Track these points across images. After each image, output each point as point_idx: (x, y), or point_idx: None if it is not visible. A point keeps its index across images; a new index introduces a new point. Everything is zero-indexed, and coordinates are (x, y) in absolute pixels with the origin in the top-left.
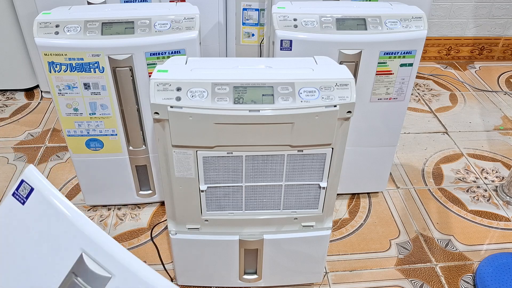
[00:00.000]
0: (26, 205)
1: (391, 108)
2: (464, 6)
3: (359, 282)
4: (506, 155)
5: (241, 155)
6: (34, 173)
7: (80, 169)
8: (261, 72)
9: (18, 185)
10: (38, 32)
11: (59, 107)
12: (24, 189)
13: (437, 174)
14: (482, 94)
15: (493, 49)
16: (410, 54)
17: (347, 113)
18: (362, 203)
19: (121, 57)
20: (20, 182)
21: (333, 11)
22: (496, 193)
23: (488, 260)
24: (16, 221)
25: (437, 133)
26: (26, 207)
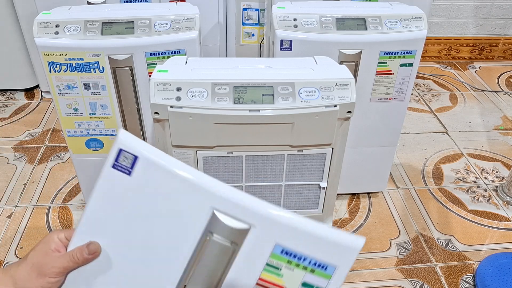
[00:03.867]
0: (133, 175)
1: (391, 108)
2: (464, 6)
3: (359, 282)
4: (506, 155)
5: (241, 155)
6: (130, 138)
7: (80, 169)
8: (261, 72)
9: (116, 155)
10: (38, 32)
11: (59, 107)
12: (125, 159)
13: (437, 174)
14: (482, 94)
15: (493, 49)
16: (410, 54)
17: (347, 113)
18: (362, 203)
19: (121, 57)
20: (118, 151)
21: (333, 11)
22: (496, 193)
23: (488, 260)
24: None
25: (437, 133)
26: (135, 178)
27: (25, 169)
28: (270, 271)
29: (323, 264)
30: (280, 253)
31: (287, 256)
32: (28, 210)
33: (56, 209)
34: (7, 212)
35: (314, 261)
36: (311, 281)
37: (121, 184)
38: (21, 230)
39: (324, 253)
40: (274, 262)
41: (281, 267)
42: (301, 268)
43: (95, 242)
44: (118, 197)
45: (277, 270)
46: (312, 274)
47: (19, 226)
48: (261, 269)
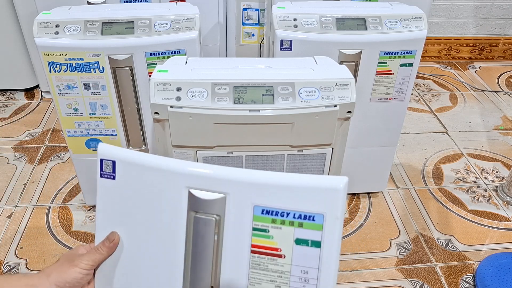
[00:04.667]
0: (117, 179)
1: (391, 108)
2: (464, 6)
3: (359, 282)
4: (506, 155)
5: (241, 155)
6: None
7: (80, 169)
8: (261, 72)
9: (100, 165)
10: (38, 32)
11: (59, 107)
12: (107, 166)
13: (437, 174)
14: (482, 94)
15: (493, 49)
16: (410, 54)
17: (347, 113)
18: (362, 203)
19: (121, 57)
20: (100, 161)
21: (333, 11)
22: (496, 193)
23: (488, 260)
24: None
25: (437, 133)
26: (119, 180)
27: (25, 169)
28: (259, 235)
29: (308, 214)
30: (261, 213)
31: (269, 215)
32: (28, 210)
33: (56, 209)
34: (7, 212)
35: (298, 213)
36: (303, 236)
37: (112, 189)
38: (21, 230)
39: (305, 202)
40: (259, 224)
41: (268, 228)
42: (287, 224)
43: (113, 231)
44: (114, 199)
45: (265, 232)
46: (302, 228)
47: (19, 226)
48: (250, 235)
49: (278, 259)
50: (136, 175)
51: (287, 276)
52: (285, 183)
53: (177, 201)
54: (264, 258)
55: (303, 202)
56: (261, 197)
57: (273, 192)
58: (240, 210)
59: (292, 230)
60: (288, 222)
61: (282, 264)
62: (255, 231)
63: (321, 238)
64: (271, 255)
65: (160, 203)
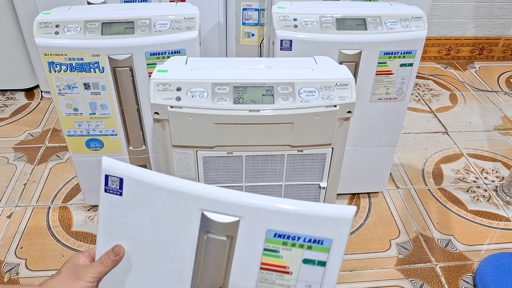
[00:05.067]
0: (124, 195)
1: (391, 108)
2: (464, 6)
3: (359, 282)
4: (506, 155)
5: (241, 155)
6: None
7: (80, 169)
8: (261, 72)
9: (105, 181)
10: (38, 32)
11: (59, 107)
12: (113, 182)
13: (437, 174)
14: (482, 94)
15: (493, 49)
16: (410, 54)
17: (347, 113)
18: (362, 203)
19: (121, 57)
20: (105, 177)
21: (333, 11)
22: (496, 193)
23: (488, 260)
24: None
25: (437, 133)
26: (126, 197)
27: (25, 169)
28: (269, 255)
29: (318, 239)
30: (273, 237)
31: (281, 238)
32: (28, 210)
33: (56, 209)
34: (7, 212)
35: (308, 238)
36: (311, 257)
37: (117, 205)
38: (21, 230)
39: (316, 229)
40: (270, 246)
41: (279, 250)
42: (297, 247)
43: (119, 244)
44: (119, 215)
45: (275, 253)
46: (310, 250)
47: (19, 226)
48: (261, 255)
49: (286, 275)
50: (147, 193)
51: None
52: (298, 211)
53: (189, 222)
54: (272, 274)
55: (314, 228)
56: (275, 223)
57: (286, 218)
58: (253, 232)
59: (301, 251)
60: (298, 245)
61: (289, 279)
62: (266, 251)
63: (327, 258)
64: (279, 272)
65: (170, 222)
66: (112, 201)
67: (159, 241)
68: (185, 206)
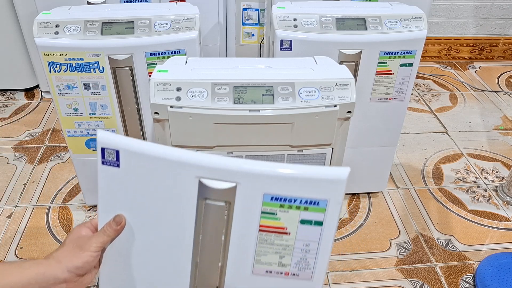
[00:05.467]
0: (121, 167)
1: (391, 108)
2: (464, 6)
3: (359, 282)
4: (506, 155)
5: (241, 155)
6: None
7: (80, 169)
8: (261, 72)
9: (101, 153)
10: (38, 32)
11: (59, 107)
12: (109, 155)
13: (437, 174)
14: (482, 94)
15: (493, 49)
16: (410, 54)
17: (347, 113)
18: (362, 203)
19: (121, 57)
20: (101, 150)
21: (333, 11)
22: (496, 193)
23: (488, 260)
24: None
25: (437, 133)
26: (124, 168)
27: (25, 169)
28: (267, 217)
29: (314, 200)
30: (270, 200)
31: (278, 201)
32: (28, 210)
33: (56, 209)
34: (7, 212)
35: (304, 200)
36: (307, 218)
37: (115, 177)
38: (21, 230)
39: (311, 191)
40: (268, 209)
41: (276, 212)
42: (294, 208)
43: (120, 214)
44: (118, 186)
45: (273, 215)
46: (307, 211)
47: (19, 226)
48: (259, 218)
49: (284, 235)
50: (144, 164)
51: (291, 248)
52: (294, 174)
53: (187, 190)
54: (271, 235)
55: (309, 190)
56: (271, 186)
57: (282, 182)
58: (250, 197)
59: (298, 213)
60: (295, 207)
61: (287, 239)
62: (264, 214)
63: (323, 218)
64: (277, 233)
65: (168, 191)
66: (110, 173)
67: (159, 211)
68: (182, 174)
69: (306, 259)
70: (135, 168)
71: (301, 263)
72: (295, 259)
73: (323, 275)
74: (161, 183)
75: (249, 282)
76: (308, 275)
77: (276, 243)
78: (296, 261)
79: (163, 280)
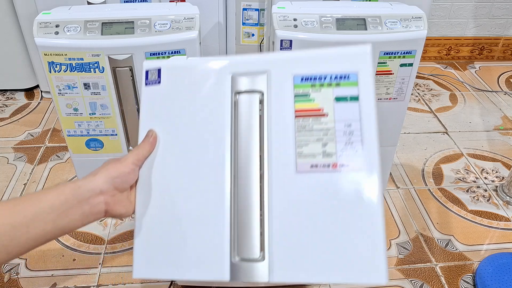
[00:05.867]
0: (162, 83)
1: (391, 108)
2: (464, 6)
3: None
4: (506, 155)
5: None
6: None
7: (80, 169)
8: None
9: (145, 76)
10: (38, 32)
11: (59, 107)
12: (152, 75)
13: (437, 174)
14: (482, 94)
15: (493, 49)
16: (410, 54)
17: None
18: None
19: (121, 57)
20: (145, 73)
21: (333, 11)
22: (496, 193)
23: (488, 260)
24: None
25: (437, 133)
26: (164, 84)
27: (25, 169)
28: (301, 100)
29: (344, 74)
30: (301, 81)
31: (308, 81)
32: None
33: None
34: None
35: (334, 75)
36: (342, 94)
37: (156, 94)
38: None
39: (338, 65)
40: (300, 91)
41: (309, 93)
42: (326, 86)
43: (150, 129)
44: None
45: (306, 97)
46: (339, 87)
47: None
48: (293, 102)
49: (322, 118)
50: (181, 74)
51: (332, 132)
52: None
53: (221, 87)
54: (309, 120)
55: (336, 64)
56: (299, 67)
57: (309, 62)
58: (281, 81)
59: (331, 90)
60: (326, 84)
61: (326, 122)
62: (298, 97)
63: (358, 92)
64: (314, 116)
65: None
66: (151, 92)
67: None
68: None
69: (352, 142)
70: (173, 80)
71: (347, 149)
72: (339, 145)
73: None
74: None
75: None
76: (360, 164)
77: (316, 128)
78: (342, 147)
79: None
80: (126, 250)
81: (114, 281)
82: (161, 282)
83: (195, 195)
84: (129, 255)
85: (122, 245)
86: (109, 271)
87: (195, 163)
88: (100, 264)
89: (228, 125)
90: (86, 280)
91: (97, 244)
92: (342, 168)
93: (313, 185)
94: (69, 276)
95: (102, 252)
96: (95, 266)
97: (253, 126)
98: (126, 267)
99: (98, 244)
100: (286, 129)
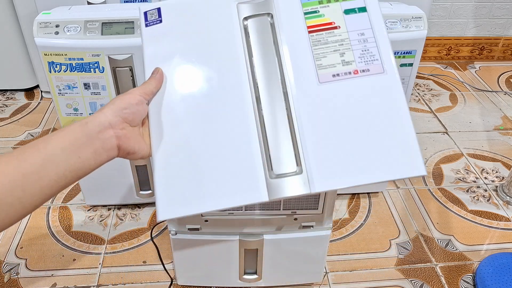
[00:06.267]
0: (164, 21)
1: None
2: (464, 6)
3: (359, 282)
4: (506, 155)
5: None
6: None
7: None
8: None
9: (144, 18)
10: (38, 32)
11: (59, 107)
12: (151, 15)
13: (437, 174)
14: (482, 94)
15: (493, 49)
16: (410, 54)
17: None
18: (362, 203)
19: (121, 57)
20: (144, 14)
21: None
22: (496, 193)
23: (488, 260)
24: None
25: (437, 133)
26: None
27: None
28: (311, 16)
29: None
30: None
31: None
32: None
33: (56, 209)
34: None
35: None
36: (350, 6)
37: (159, 33)
38: (21, 230)
39: None
40: (309, 8)
41: (318, 9)
42: (333, 1)
43: (156, 67)
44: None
45: (316, 13)
46: (346, 1)
47: (19, 226)
48: (303, 19)
49: (335, 30)
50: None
51: (347, 42)
52: None
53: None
54: (322, 34)
55: None
56: None
57: None
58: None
59: (338, 4)
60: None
61: (340, 33)
62: (307, 14)
63: (364, 3)
64: (327, 29)
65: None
66: (153, 32)
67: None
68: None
69: (368, 49)
70: (176, 17)
71: (365, 55)
72: (357, 52)
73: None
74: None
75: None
76: (379, 68)
77: (331, 40)
78: (359, 55)
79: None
80: (126, 250)
81: (114, 281)
82: (161, 282)
83: (216, 122)
84: (129, 255)
85: (122, 245)
86: (109, 271)
87: (212, 91)
88: (100, 264)
89: (241, 49)
90: (86, 280)
91: (97, 244)
92: (363, 73)
93: (337, 93)
94: (69, 276)
95: (102, 252)
96: (95, 266)
97: (268, 46)
98: (126, 267)
99: (98, 244)
100: (302, 45)
